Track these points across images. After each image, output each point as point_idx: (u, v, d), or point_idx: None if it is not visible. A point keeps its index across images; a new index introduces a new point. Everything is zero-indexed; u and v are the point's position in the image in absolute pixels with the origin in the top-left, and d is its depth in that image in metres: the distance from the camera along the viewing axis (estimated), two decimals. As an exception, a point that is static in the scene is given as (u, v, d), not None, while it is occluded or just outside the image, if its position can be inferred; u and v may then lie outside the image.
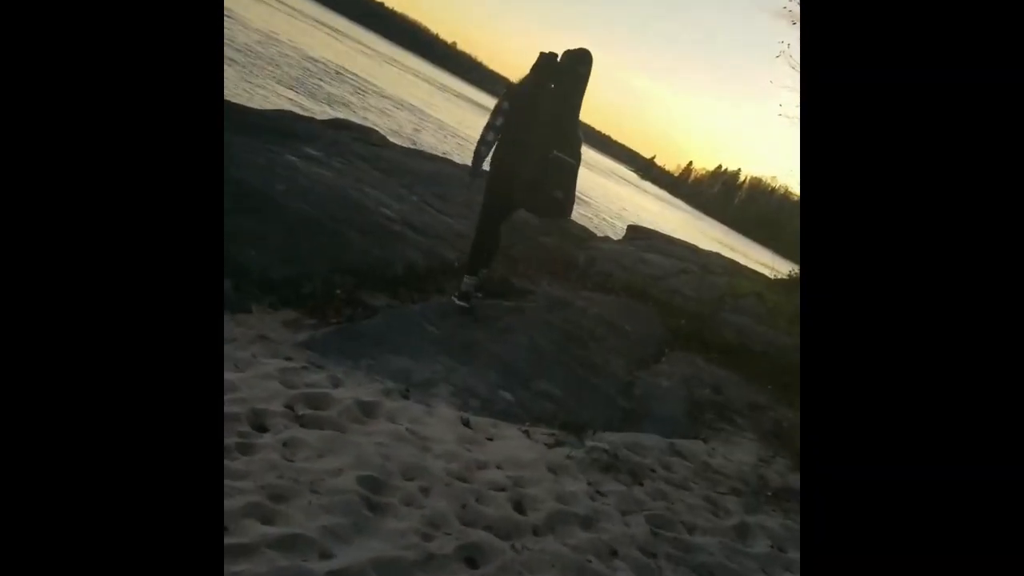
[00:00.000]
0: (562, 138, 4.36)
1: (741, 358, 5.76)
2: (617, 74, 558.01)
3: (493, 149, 4.43)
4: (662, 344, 5.61)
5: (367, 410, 2.87)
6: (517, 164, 4.31)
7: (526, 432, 3.26)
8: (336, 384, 3.02)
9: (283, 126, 6.88)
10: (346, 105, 20.49)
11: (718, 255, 8.20)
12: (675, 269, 7.15)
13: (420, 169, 7.55)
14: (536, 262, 6.49)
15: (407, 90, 41.03)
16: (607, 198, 42.83)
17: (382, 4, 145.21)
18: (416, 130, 23.71)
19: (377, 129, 9.41)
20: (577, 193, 4.62)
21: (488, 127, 4.43)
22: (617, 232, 27.40)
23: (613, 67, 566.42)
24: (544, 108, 4.32)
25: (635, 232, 8.42)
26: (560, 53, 4.44)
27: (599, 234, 8.76)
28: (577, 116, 4.51)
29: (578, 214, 26.89)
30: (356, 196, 5.66)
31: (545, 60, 4.42)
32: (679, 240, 8.44)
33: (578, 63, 4.38)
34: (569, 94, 4.40)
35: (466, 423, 3.14)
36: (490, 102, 5.11)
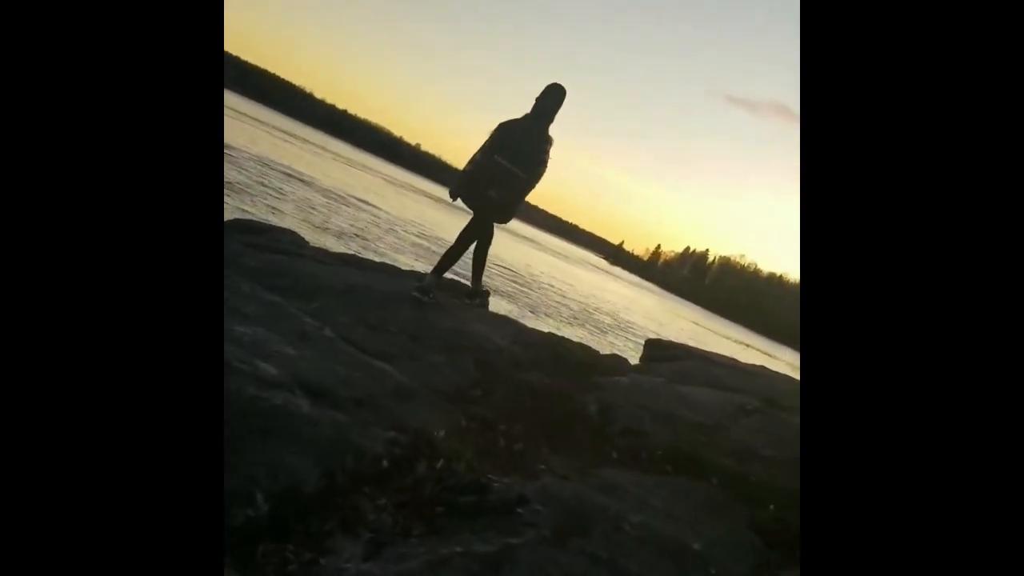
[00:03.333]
0: (514, 152, 5.09)
1: None
2: (580, 164, 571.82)
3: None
4: (759, 568, 3.17)
5: None
6: (489, 168, 5.16)
7: None
8: None
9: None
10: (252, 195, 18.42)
11: (784, 377, 5.79)
12: (731, 408, 4.74)
13: (345, 283, 5.16)
14: (527, 421, 4.09)
15: (348, 180, 39.41)
16: (581, 284, 41.15)
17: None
18: (356, 230, 21.57)
19: (293, 230, 7.04)
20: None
21: (478, 150, 5.21)
22: (603, 327, 25.85)
23: (577, 157, 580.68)
24: (520, 134, 5.10)
25: (655, 349, 6.06)
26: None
27: (603, 350, 6.30)
28: (537, 138, 5.16)
29: (558, 304, 25.16)
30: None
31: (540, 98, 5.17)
32: (717, 356, 6.09)
33: (544, 96, 5.15)
34: (533, 118, 5.15)
35: None
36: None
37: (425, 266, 20.61)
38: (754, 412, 5.02)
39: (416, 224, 32.39)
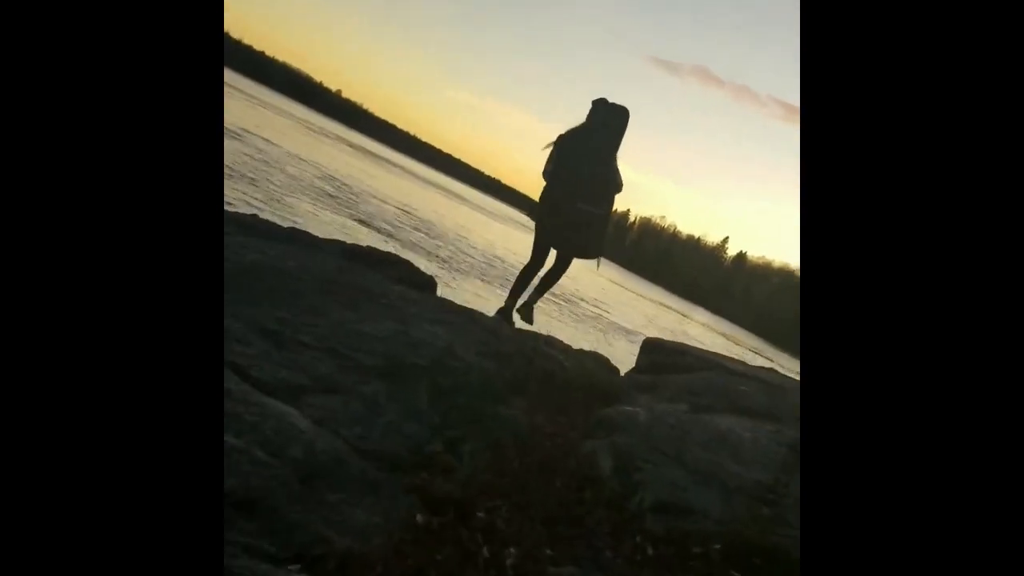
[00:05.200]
0: (588, 188, 4.69)
1: None
2: (506, 121, 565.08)
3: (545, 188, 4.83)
4: None
5: None
6: (560, 203, 4.72)
7: None
8: None
9: None
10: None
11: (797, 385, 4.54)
12: (781, 451, 3.43)
13: (236, 264, 3.53)
14: (517, 498, 2.62)
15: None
16: (520, 245, 39.59)
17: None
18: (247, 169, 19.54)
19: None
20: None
21: (543, 172, 4.88)
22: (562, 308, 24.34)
23: (504, 115, 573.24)
24: (582, 155, 4.70)
25: (656, 352, 4.70)
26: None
27: (606, 357, 4.91)
28: (606, 166, 4.73)
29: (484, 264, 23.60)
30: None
31: (594, 107, 4.75)
32: (725, 360, 4.78)
33: (609, 116, 4.76)
34: (600, 146, 4.74)
35: None
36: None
37: (329, 213, 18.59)
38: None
39: (316, 164, 30.09)
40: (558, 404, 3.46)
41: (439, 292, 5.51)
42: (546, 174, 4.81)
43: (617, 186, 4.73)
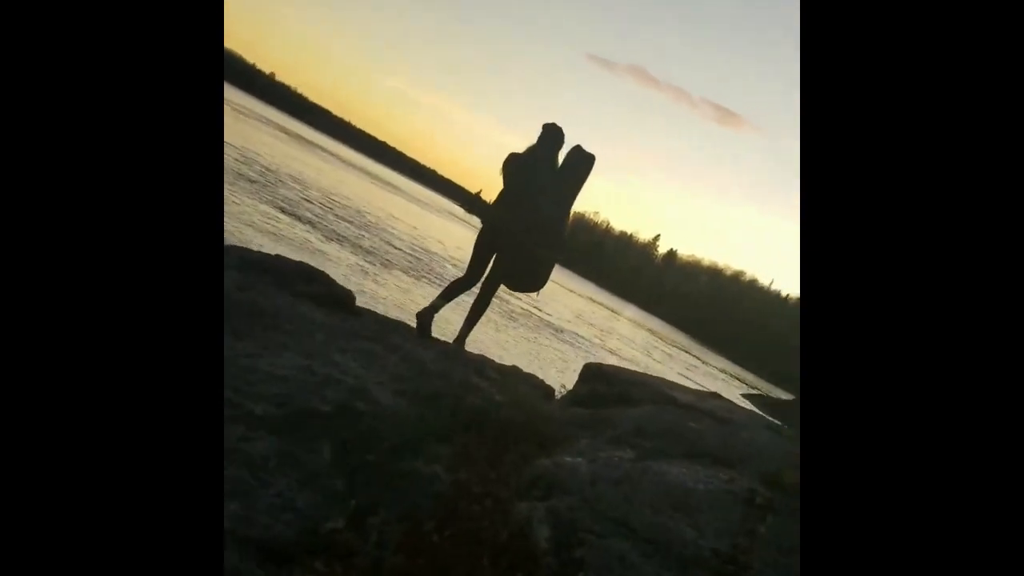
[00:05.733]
0: (545, 229, 4.57)
1: None
2: (443, 110, 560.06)
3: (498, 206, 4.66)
4: None
5: None
6: (507, 225, 4.53)
7: None
8: None
9: None
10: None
11: (758, 421, 4.28)
12: (737, 505, 3.02)
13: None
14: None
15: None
16: (464, 244, 38.66)
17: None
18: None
19: None
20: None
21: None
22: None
23: (441, 105, 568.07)
24: (541, 183, 4.56)
25: (596, 380, 4.25)
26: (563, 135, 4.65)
27: (540, 380, 4.48)
28: (568, 211, 4.75)
29: (408, 261, 22.77)
30: None
31: (549, 132, 4.59)
32: (672, 387, 4.38)
33: (581, 163, 4.65)
34: (566, 191, 4.66)
35: None
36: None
37: (247, 199, 17.53)
38: (765, 507, 3.34)
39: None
40: (489, 453, 2.97)
41: (362, 287, 4.96)
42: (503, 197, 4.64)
43: (567, 232, 4.79)
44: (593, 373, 4.54)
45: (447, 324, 5.72)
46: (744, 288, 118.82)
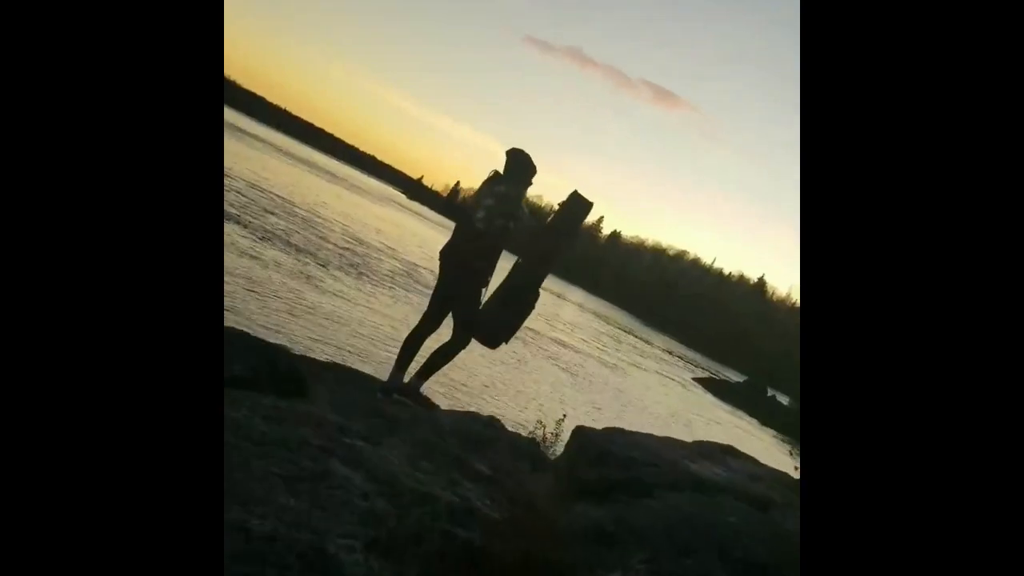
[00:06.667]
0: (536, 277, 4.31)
1: None
2: (380, 96, 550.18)
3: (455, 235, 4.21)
4: None
5: None
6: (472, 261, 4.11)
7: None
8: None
9: None
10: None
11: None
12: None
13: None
14: None
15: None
16: (405, 234, 37.26)
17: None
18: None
19: None
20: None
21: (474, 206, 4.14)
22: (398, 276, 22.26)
23: (377, 91, 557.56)
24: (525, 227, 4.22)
25: (597, 460, 3.44)
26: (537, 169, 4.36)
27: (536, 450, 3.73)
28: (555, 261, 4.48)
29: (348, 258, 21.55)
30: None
31: (519, 160, 4.27)
32: (683, 450, 3.66)
33: (581, 210, 4.31)
34: (565, 239, 4.38)
35: None
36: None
37: None
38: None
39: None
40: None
41: (300, 296, 4.06)
42: (483, 220, 4.08)
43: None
44: (588, 444, 3.72)
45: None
46: (687, 267, 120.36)
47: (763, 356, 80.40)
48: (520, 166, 4.31)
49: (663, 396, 27.76)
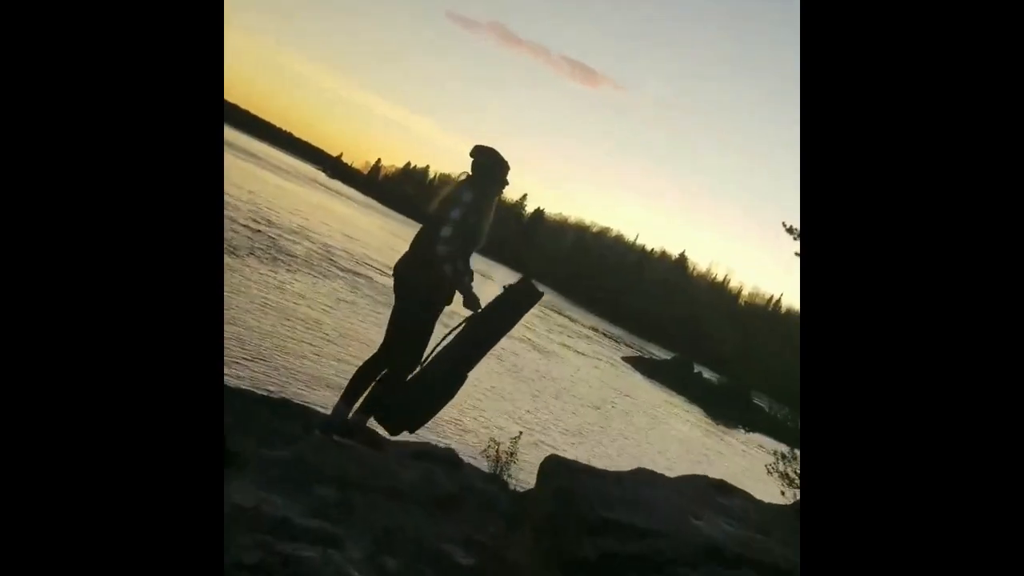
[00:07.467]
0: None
1: None
2: (297, 72, 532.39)
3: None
4: None
5: None
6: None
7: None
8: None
9: None
10: None
11: None
12: None
13: None
14: None
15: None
16: (331, 218, 35.54)
17: None
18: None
19: None
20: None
21: (441, 218, 3.84)
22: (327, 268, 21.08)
23: (294, 66, 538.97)
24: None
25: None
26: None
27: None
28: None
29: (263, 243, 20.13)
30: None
31: (487, 160, 3.97)
32: (667, 485, 3.36)
33: (534, 302, 4.09)
34: (509, 326, 4.16)
35: None
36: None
37: None
38: None
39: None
40: None
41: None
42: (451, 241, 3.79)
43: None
44: (568, 497, 3.10)
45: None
46: (609, 244, 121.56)
47: (686, 330, 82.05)
48: (487, 168, 3.99)
49: (600, 384, 27.62)
